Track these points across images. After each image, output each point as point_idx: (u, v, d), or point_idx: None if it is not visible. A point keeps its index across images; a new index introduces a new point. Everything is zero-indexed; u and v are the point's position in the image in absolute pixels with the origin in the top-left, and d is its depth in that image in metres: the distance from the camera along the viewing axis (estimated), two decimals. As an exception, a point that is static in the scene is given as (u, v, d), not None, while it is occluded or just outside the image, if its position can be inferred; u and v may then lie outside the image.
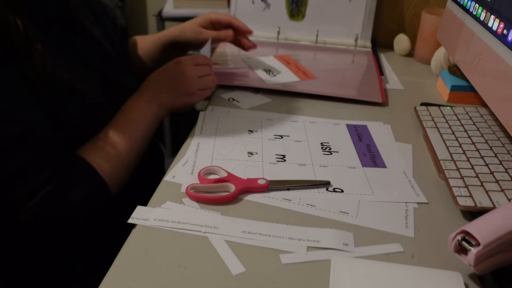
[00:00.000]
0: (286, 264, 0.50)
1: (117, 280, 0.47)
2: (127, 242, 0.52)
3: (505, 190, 0.59)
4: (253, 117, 0.80)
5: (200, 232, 0.53)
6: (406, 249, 0.53)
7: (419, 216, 0.58)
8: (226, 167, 0.65)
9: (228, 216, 0.56)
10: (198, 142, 0.71)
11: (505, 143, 0.70)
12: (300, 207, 0.59)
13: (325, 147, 0.72)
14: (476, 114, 0.80)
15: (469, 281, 0.48)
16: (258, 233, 0.54)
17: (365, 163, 0.69)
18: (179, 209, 0.57)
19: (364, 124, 0.80)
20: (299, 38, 1.16)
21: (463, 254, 0.47)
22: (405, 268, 0.49)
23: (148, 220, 0.55)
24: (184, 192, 0.60)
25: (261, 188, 0.61)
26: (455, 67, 0.91)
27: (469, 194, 0.59)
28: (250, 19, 1.16)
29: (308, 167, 0.67)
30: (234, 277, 0.48)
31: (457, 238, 0.47)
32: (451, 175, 0.63)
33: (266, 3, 1.16)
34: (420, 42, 1.10)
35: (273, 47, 1.13)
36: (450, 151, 0.69)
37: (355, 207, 0.59)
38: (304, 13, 1.15)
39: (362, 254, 0.52)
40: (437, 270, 0.49)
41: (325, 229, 0.55)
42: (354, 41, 1.15)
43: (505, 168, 0.63)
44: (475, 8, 0.78)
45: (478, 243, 0.45)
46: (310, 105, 0.86)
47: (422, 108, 0.83)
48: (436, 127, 0.76)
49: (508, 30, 0.64)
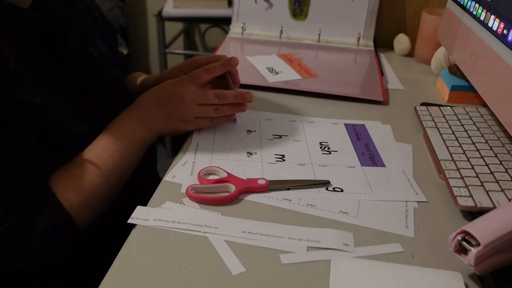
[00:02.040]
0: (286, 264, 0.50)
1: (117, 280, 0.47)
2: (127, 242, 0.52)
3: (505, 190, 0.59)
4: (251, 117, 0.80)
5: (200, 232, 0.53)
6: (406, 249, 0.53)
7: (419, 216, 0.58)
8: (226, 167, 0.65)
9: (228, 216, 0.56)
10: (197, 142, 0.71)
11: (505, 143, 0.70)
12: (300, 207, 0.59)
13: (324, 147, 0.72)
14: (476, 114, 0.79)
15: (469, 281, 0.48)
16: (258, 233, 0.54)
17: (364, 163, 0.69)
18: (179, 209, 0.57)
19: (362, 124, 0.80)
20: (302, 37, 1.17)
21: (463, 254, 0.47)
22: (405, 268, 0.49)
23: (148, 220, 0.55)
24: (184, 192, 0.60)
25: (261, 188, 0.61)
26: (455, 67, 0.91)
27: (469, 194, 0.59)
28: (253, 18, 1.17)
29: (307, 166, 0.67)
30: (234, 277, 0.48)
31: (457, 238, 0.47)
32: (451, 175, 0.63)
33: (269, 2, 1.16)
34: (420, 42, 1.10)
35: (276, 46, 1.13)
36: (450, 151, 0.69)
37: (355, 207, 0.59)
38: (307, 13, 1.16)
39: (362, 254, 0.52)
40: (437, 270, 0.49)
41: (325, 229, 0.55)
42: (356, 41, 1.15)
43: (505, 168, 0.63)
44: (475, 8, 0.78)
45: (478, 243, 0.45)
46: (309, 105, 0.86)
47: (422, 108, 0.83)
48: (436, 127, 0.76)
49: (508, 30, 0.64)
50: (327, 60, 1.07)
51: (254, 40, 1.16)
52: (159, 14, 2.00)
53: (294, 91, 0.90)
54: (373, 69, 1.02)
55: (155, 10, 2.09)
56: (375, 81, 0.96)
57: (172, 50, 2.22)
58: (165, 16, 1.97)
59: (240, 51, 1.07)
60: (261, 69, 0.97)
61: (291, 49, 1.11)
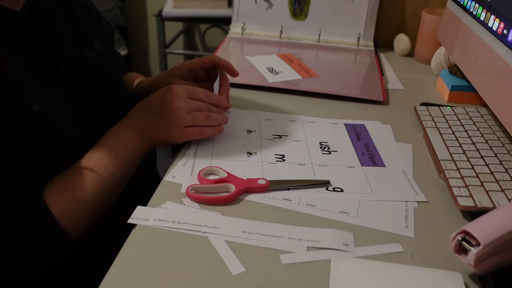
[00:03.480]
0: (286, 264, 0.50)
1: (117, 280, 0.47)
2: (127, 242, 0.52)
3: (505, 190, 0.59)
4: (251, 117, 0.80)
5: (200, 232, 0.53)
6: (406, 249, 0.53)
7: (419, 216, 0.58)
8: (226, 167, 0.65)
9: (228, 216, 0.56)
10: (198, 142, 0.71)
11: (505, 143, 0.70)
12: (300, 207, 0.59)
13: (324, 147, 0.72)
14: (476, 114, 0.79)
15: (469, 281, 0.48)
16: (258, 233, 0.54)
17: (364, 163, 0.69)
18: (179, 209, 0.57)
19: (362, 124, 0.80)
20: (302, 37, 1.17)
21: (463, 254, 0.47)
22: (405, 268, 0.49)
23: (148, 220, 0.55)
24: (184, 192, 0.60)
25: (261, 188, 0.61)
26: (455, 67, 0.91)
27: (469, 194, 0.59)
28: (253, 18, 1.17)
29: (307, 166, 0.67)
30: (234, 277, 0.48)
31: (457, 238, 0.47)
32: (451, 175, 0.63)
33: (269, 2, 1.16)
34: (420, 42, 1.10)
35: (275, 46, 1.13)
36: (450, 151, 0.69)
37: (355, 207, 0.59)
38: (307, 13, 1.16)
39: (362, 254, 0.52)
40: (437, 270, 0.49)
41: (325, 229, 0.55)
42: (356, 41, 1.15)
43: (505, 168, 0.63)
44: (475, 8, 0.78)
45: (478, 243, 0.45)
46: (308, 105, 0.86)
47: (422, 108, 0.83)
48: (436, 127, 0.76)
49: (508, 30, 0.64)
50: (327, 60, 1.07)
51: (254, 40, 1.16)
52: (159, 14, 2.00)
53: (294, 91, 0.90)
54: (373, 69, 1.02)
55: (155, 10, 2.10)
56: (375, 81, 0.96)
57: (172, 50, 2.22)
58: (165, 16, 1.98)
59: (240, 51, 1.07)
60: (261, 69, 0.97)
61: (291, 49, 1.11)
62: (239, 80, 0.84)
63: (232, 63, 0.78)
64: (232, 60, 1.02)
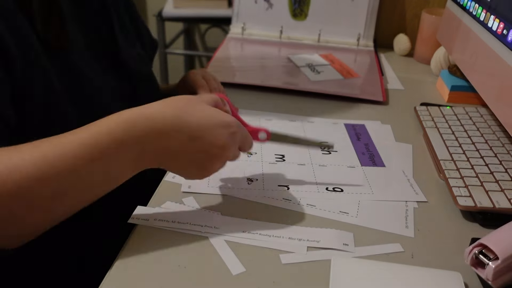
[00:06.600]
0: (286, 264, 0.50)
1: (117, 280, 0.47)
2: (127, 242, 0.52)
3: (505, 190, 0.59)
4: (251, 117, 0.80)
5: (200, 232, 0.53)
6: (406, 249, 0.53)
7: (419, 216, 0.58)
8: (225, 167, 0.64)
9: (228, 216, 0.56)
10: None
11: (505, 143, 0.70)
12: (300, 207, 0.59)
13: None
14: (476, 114, 0.80)
15: (469, 281, 0.48)
16: (258, 233, 0.54)
17: (364, 163, 0.69)
18: (179, 209, 0.57)
19: (362, 124, 0.80)
20: (302, 37, 1.17)
21: (480, 268, 0.46)
22: (405, 268, 0.49)
23: (148, 220, 0.55)
24: (184, 192, 0.60)
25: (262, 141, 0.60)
26: (455, 67, 0.91)
27: (469, 194, 0.59)
28: (253, 18, 1.17)
29: (307, 166, 0.67)
30: (234, 277, 0.48)
31: (474, 252, 0.46)
32: (451, 175, 0.63)
33: (269, 2, 1.16)
34: (420, 42, 1.10)
35: (276, 46, 1.13)
36: (450, 151, 0.69)
37: (355, 207, 0.59)
38: (307, 13, 1.16)
39: (362, 254, 0.52)
40: (437, 270, 0.49)
41: (325, 229, 0.55)
42: (356, 41, 1.15)
43: (505, 168, 0.63)
44: (475, 8, 0.78)
45: (496, 257, 0.44)
46: (309, 105, 0.86)
47: (422, 108, 0.83)
48: (436, 127, 0.76)
49: (508, 30, 0.64)
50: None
51: (254, 40, 1.16)
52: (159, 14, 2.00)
53: (294, 91, 0.90)
54: (373, 69, 1.03)
55: (155, 10, 2.09)
56: (375, 81, 0.96)
57: (172, 50, 2.22)
58: (165, 16, 1.97)
59: (240, 51, 1.07)
60: (303, 69, 0.99)
61: (291, 49, 1.11)
62: (239, 80, 0.84)
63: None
64: (236, 60, 1.02)
